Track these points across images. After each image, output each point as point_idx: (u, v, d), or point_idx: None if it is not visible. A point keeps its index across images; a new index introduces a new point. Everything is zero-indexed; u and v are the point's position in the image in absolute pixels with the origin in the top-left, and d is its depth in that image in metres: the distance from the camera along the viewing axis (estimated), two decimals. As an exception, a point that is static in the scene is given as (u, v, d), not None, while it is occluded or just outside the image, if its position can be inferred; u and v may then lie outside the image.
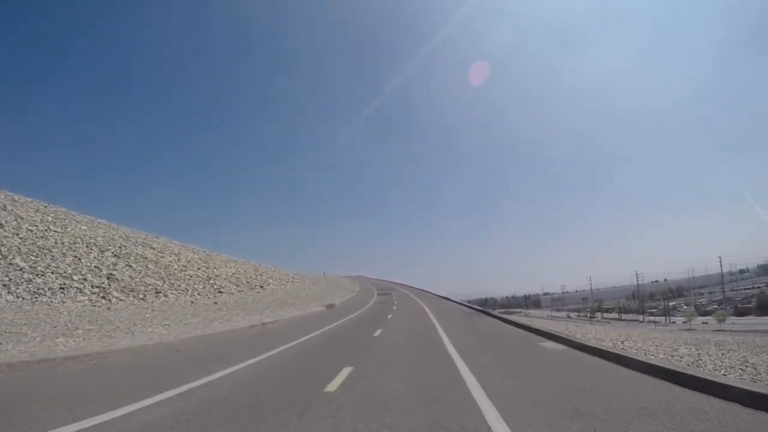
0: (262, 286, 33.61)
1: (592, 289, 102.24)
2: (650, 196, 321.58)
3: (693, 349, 8.06)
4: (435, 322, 16.85)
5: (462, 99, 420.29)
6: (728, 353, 7.49)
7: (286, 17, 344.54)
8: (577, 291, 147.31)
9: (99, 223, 31.85)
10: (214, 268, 34.24)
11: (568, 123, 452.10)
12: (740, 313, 65.09)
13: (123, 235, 30.30)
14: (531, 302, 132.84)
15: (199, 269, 31.37)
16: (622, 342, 9.29)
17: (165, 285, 22.34)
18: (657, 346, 8.66)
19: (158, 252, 30.89)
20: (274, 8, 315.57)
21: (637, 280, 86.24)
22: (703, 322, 67.62)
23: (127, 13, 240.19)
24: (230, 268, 37.58)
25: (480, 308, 29.35)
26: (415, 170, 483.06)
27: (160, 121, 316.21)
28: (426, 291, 55.52)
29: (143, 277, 21.89)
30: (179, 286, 23.30)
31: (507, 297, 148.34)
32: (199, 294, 23.33)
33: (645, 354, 7.29)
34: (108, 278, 19.25)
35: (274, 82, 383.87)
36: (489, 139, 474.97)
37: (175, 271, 26.87)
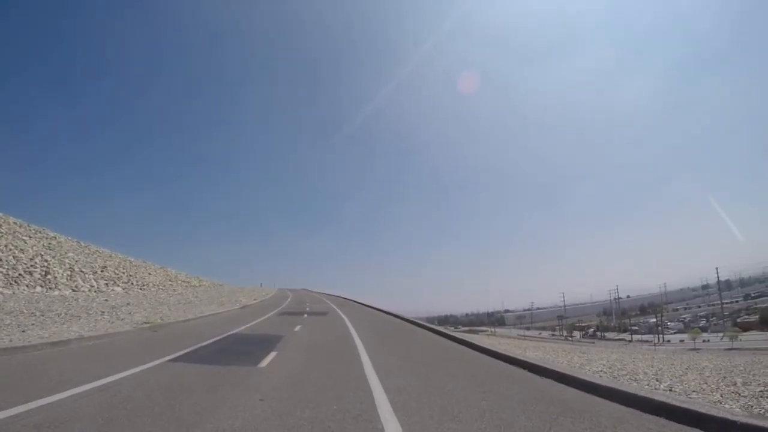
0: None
1: (565, 306, 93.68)
2: (608, 214, 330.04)
3: None
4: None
5: (426, 114, 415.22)
6: None
7: (245, 33, 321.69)
8: (539, 308, 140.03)
9: None
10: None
11: (526, 140, 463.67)
12: (743, 328, 57.98)
13: None
14: (495, 320, 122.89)
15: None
16: None
17: None
18: None
19: None
20: (234, 23, 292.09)
21: (618, 295, 78.30)
22: (704, 340, 59.58)
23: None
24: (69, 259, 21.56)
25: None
26: (375, 191, 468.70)
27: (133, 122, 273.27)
28: (385, 312, 26.90)
29: None
30: None
31: (468, 314, 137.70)
32: None
33: None
34: None
35: (237, 97, 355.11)
36: (448, 158, 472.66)
37: None
